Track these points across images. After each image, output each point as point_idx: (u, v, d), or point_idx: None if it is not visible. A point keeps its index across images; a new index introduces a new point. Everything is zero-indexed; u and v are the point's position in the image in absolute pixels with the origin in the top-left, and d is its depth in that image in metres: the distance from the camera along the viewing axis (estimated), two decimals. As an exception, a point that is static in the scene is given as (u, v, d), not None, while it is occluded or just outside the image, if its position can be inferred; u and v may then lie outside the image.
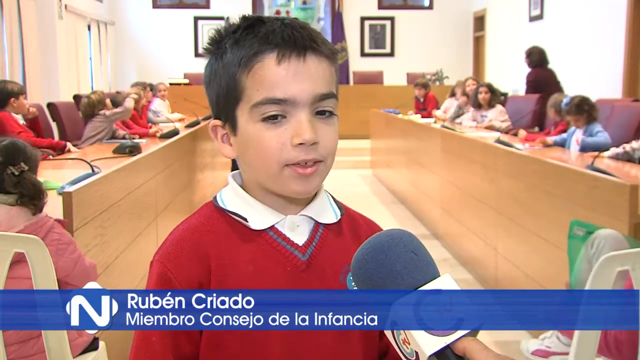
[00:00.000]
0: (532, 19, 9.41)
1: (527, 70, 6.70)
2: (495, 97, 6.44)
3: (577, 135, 4.29)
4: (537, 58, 6.63)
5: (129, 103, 5.41)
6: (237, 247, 0.88)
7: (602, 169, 2.95)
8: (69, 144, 4.57)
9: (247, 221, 0.89)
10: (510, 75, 9.91)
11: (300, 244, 0.90)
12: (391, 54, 12.65)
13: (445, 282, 0.72)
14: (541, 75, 6.55)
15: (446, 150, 5.16)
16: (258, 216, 0.90)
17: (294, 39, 0.85)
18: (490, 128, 5.98)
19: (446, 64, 11.69)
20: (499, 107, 6.38)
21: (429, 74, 11.06)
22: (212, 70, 0.90)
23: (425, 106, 8.40)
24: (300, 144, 0.84)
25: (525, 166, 3.48)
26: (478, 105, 6.48)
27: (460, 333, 0.69)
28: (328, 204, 0.95)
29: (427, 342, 0.69)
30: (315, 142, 0.85)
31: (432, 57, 12.08)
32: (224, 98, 0.89)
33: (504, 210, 3.74)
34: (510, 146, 3.98)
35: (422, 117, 7.34)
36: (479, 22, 12.04)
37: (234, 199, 0.92)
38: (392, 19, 12.58)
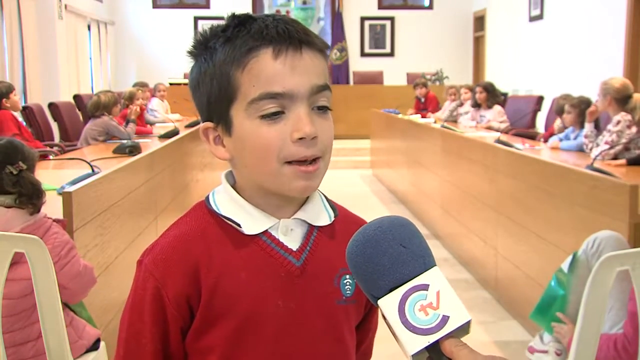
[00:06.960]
0: (532, 19, 9.41)
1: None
2: (494, 97, 6.43)
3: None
4: None
5: (131, 129, 5.40)
6: (229, 253, 0.87)
7: (602, 169, 2.95)
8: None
9: (241, 227, 0.87)
10: (510, 75, 9.91)
11: (294, 249, 0.88)
12: (391, 54, 12.66)
13: (432, 276, 0.68)
14: None
15: (446, 150, 5.15)
16: (251, 220, 0.88)
17: (289, 33, 0.83)
18: (489, 129, 5.97)
19: (446, 64, 11.70)
20: (497, 107, 6.37)
21: (429, 74, 11.07)
22: (200, 72, 0.88)
23: (426, 106, 8.40)
24: (301, 138, 0.83)
25: (525, 166, 3.47)
26: (477, 105, 6.49)
27: (445, 331, 0.65)
28: (322, 206, 0.94)
29: (409, 340, 0.66)
30: (315, 136, 0.83)
31: (432, 57, 12.08)
32: (216, 98, 0.86)
33: (504, 210, 3.74)
34: (510, 146, 3.97)
35: (422, 117, 7.34)
36: (479, 22, 12.04)
37: (227, 202, 0.90)
38: (392, 19, 12.59)
